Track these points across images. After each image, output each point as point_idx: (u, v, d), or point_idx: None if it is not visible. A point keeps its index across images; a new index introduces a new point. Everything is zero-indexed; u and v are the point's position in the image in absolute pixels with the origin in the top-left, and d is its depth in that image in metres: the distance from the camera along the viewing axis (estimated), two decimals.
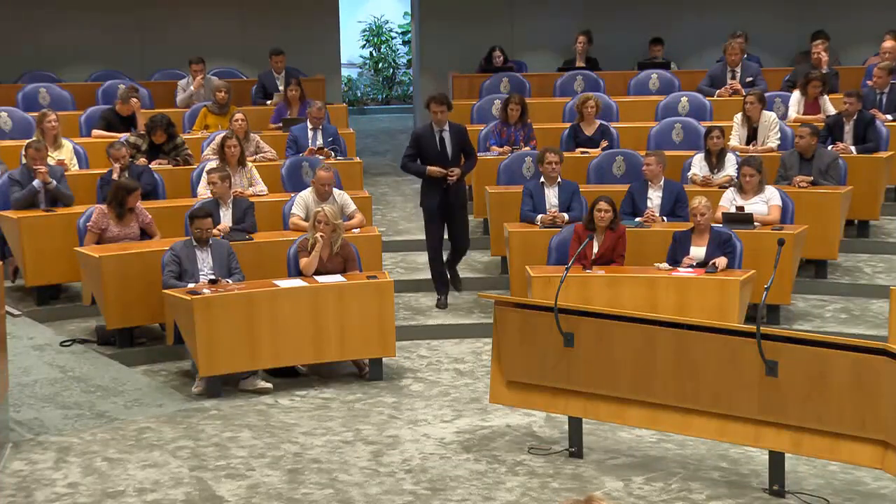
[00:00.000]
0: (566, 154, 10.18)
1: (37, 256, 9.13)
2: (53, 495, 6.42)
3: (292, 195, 9.57)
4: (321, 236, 8.34)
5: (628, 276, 8.45)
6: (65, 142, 10.26)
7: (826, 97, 11.32)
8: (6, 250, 9.34)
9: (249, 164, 9.98)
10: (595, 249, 8.56)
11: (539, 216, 9.41)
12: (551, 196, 9.57)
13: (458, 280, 9.81)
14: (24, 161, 9.46)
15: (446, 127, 9.29)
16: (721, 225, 8.84)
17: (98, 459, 6.91)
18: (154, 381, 8.29)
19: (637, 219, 9.28)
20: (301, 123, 11.12)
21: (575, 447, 6.88)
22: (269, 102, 12.42)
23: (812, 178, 9.80)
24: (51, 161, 9.63)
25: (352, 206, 9.37)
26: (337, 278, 8.32)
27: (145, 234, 9.03)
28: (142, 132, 10.36)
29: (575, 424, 6.91)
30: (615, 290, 8.31)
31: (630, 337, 6.64)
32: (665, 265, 8.48)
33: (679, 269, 8.39)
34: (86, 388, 7.94)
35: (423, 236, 11.18)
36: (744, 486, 6.48)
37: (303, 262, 8.40)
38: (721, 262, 8.31)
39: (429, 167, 9.32)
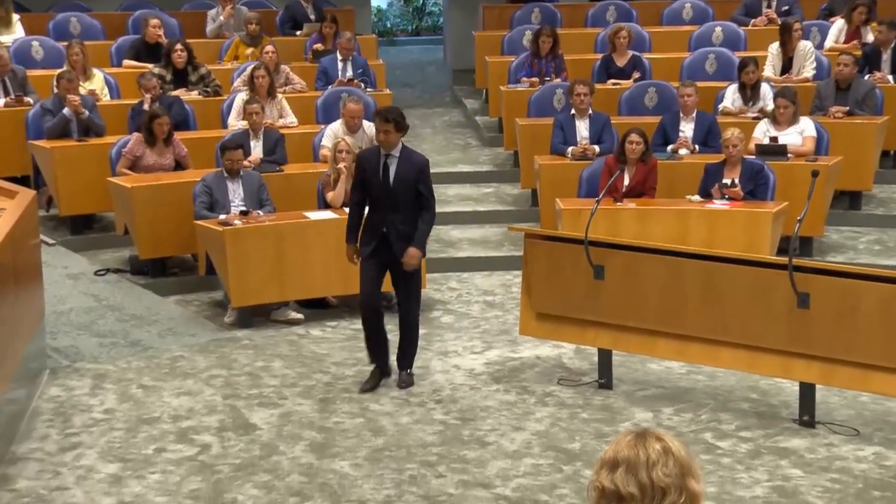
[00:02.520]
0: (597, 86, 10.10)
1: (70, 186, 9.19)
2: (90, 420, 6.53)
3: (322, 127, 9.55)
4: (344, 167, 8.34)
5: (659, 208, 8.41)
6: (96, 72, 10.27)
7: (868, 26, 11.13)
8: (40, 180, 9.40)
9: (279, 96, 9.97)
10: (626, 182, 8.52)
11: (569, 148, 9.36)
12: (582, 128, 9.51)
13: (407, 377, 6.99)
14: (55, 91, 9.48)
15: (395, 152, 6.73)
16: (753, 156, 8.77)
17: (133, 387, 7.01)
18: (187, 311, 8.37)
19: (669, 147, 9.23)
20: (331, 55, 11.07)
21: (604, 378, 6.91)
22: (298, 33, 12.35)
23: (848, 108, 9.68)
24: (82, 91, 9.65)
25: None
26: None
27: (180, 167, 9.06)
28: (165, 64, 10.35)
29: (604, 356, 6.93)
30: (645, 222, 8.28)
31: (659, 269, 6.63)
32: (697, 197, 8.44)
33: (714, 201, 8.35)
34: (120, 317, 8.04)
35: (452, 168, 11.21)
36: (773, 416, 6.50)
37: (329, 195, 8.41)
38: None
39: (347, 247, 6.90)
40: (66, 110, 9.28)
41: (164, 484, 5.76)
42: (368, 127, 9.31)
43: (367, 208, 6.83)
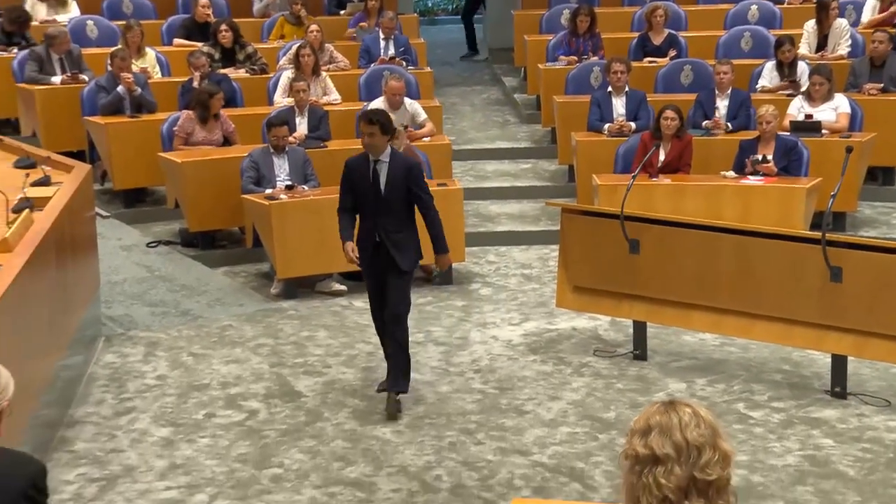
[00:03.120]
0: (634, 63, 10.01)
1: (123, 161, 9.25)
2: (144, 386, 6.60)
3: (365, 104, 9.54)
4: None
5: (693, 184, 8.35)
6: (148, 50, 10.32)
7: None
8: (95, 155, 9.47)
9: (323, 74, 9.97)
10: (661, 158, 8.45)
11: (606, 125, 9.30)
12: (618, 105, 9.44)
13: (394, 403, 6.20)
14: (109, 68, 9.53)
15: (384, 157, 6.17)
16: (788, 133, 8.67)
17: (184, 354, 7.07)
18: (234, 282, 8.42)
19: (705, 122, 9.15)
20: (373, 33, 11.05)
21: (639, 350, 6.89)
22: (342, 12, 12.33)
23: (882, 85, 9.53)
24: (135, 69, 9.70)
25: (422, 115, 9.34)
26: None
27: (228, 142, 9.09)
28: (213, 42, 10.38)
29: (639, 328, 6.90)
30: (680, 198, 8.21)
31: (694, 244, 6.59)
32: (731, 173, 8.36)
33: (748, 176, 8.27)
34: (171, 288, 8.10)
35: (491, 144, 11.19)
36: (806, 387, 6.45)
37: None
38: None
39: (344, 245, 6.33)
40: (119, 87, 9.33)
41: (214, 448, 5.82)
42: (409, 104, 9.32)
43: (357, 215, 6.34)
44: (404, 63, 10.67)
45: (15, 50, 10.38)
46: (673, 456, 2.65)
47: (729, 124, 9.13)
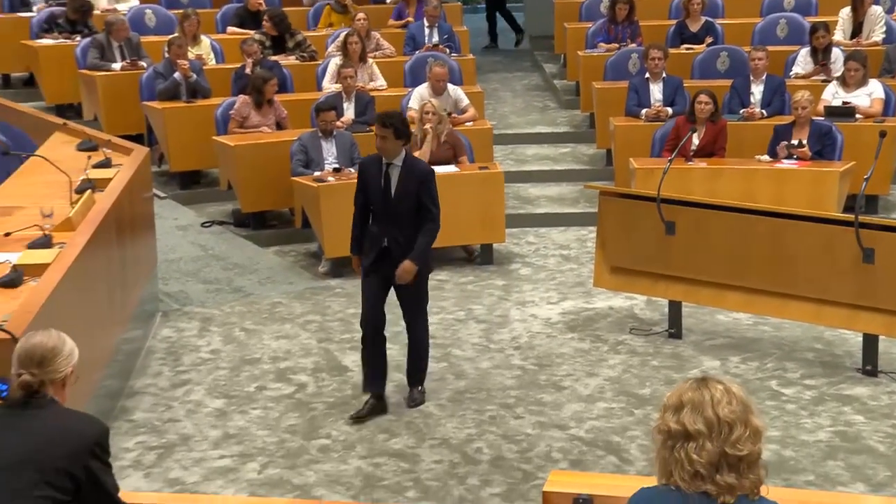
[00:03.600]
0: (671, 50, 9.92)
1: (179, 144, 9.32)
2: (198, 360, 6.67)
3: (409, 90, 9.54)
4: (430, 128, 8.32)
5: (728, 167, 8.28)
6: (203, 38, 10.38)
7: None
8: (152, 138, 9.55)
9: (370, 61, 9.97)
10: (696, 142, 8.38)
11: (643, 110, 9.24)
12: (655, 91, 9.38)
13: (419, 394, 6.08)
14: (166, 56, 9.60)
15: (397, 161, 5.77)
16: (822, 118, 8.57)
17: (236, 329, 7.13)
18: (284, 261, 8.47)
19: (742, 110, 9.06)
20: (418, 21, 11.04)
21: (674, 328, 6.86)
22: (388, 1, 12.32)
23: None
24: (191, 56, 9.76)
25: (465, 101, 9.33)
26: (451, 168, 8.32)
27: (280, 127, 9.13)
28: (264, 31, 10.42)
29: (674, 307, 6.87)
30: (715, 181, 8.15)
31: (729, 226, 6.54)
32: (766, 157, 8.28)
33: (782, 160, 8.18)
34: (224, 266, 8.17)
35: (531, 129, 11.14)
36: (837, 365, 6.39)
37: (415, 154, 8.39)
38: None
39: (354, 262, 6.04)
40: (176, 74, 9.40)
41: (265, 419, 5.87)
42: (452, 90, 9.31)
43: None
44: (448, 50, 10.66)
45: (78, 38, 10.48)
46: (704, 432, 2.65)
47: (763, 111, 9.04)
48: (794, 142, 8.18)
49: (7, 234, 5.63)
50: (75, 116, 9.99)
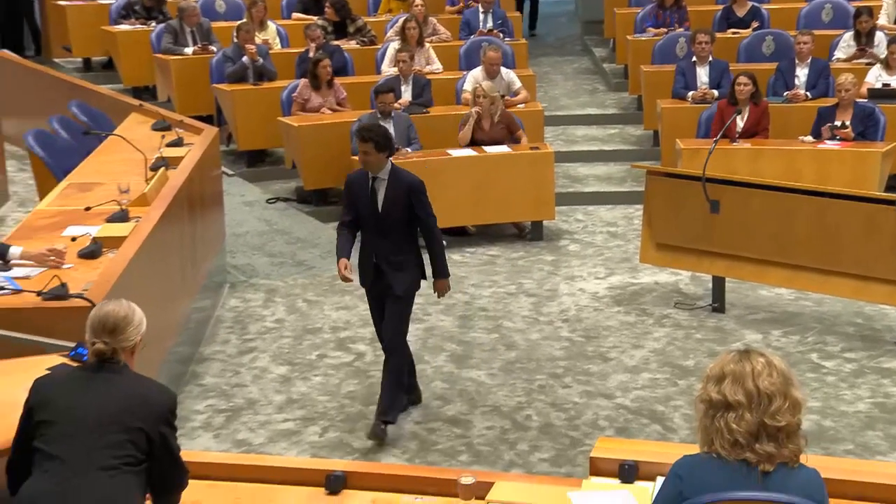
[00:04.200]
0: (718, 34, 9.78)
1: (246, 124, 9.37)
2: (264, 328, 6.74)
3: (464, 73, 9.51)
4: (478, 111, 8.29)
5: (772, 148, 8.15)
6: (269, 24, 10.41)
7: None
8: (221, 119, 9.63)
9: (427, 45, 9.95)
10: (740, 124, 8.26)
11: (690, 93, 9.12)
12: (702, 74, 9.25)
13: (379, 428, 5.33)
14: (235, 40, 9.66)
15: (383, 174, 5.32)
16: (865, 100, 8.40)
17: (299, 301, 7.19)
18: None
19: (786, 92, 8.91)
20: (473, 7, 10.99)
21: (718, 303, 6.79)
22: None
23: None
24: (258, 41, 9.81)
25: (517, 84, 9.28)
26: (503, 149, 8.30)
27: (340, 108, 9.14)
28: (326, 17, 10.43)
29: (718, 283, 6.80)
30: (759, 161, 8.03)
31: (772, 204, 6.46)
32: (809, 138, 8.14)
33: (825, 141, 8.04)
34: (288, 240, 8.23)
35: (581, 111, 11.06)
36: (877, 339, 6.29)
37: (459, 135, 8.39)
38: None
39: (337, 262, 5.46)
40: (244, 58, 9.45)
41: (326, 385, 5.93)
42: (506, 73, 9.26)
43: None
44: (501, 35, 10.59)
45: (153, 24, 10.60)
46: (744, 402, 2.63)
47: (808, 94, 8.88)
48: (838, 123, 8.03)
49: (87, 209, 5.73)
50: (150, 98, 10.10)
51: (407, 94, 9.14)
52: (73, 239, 5.33)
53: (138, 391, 3.13)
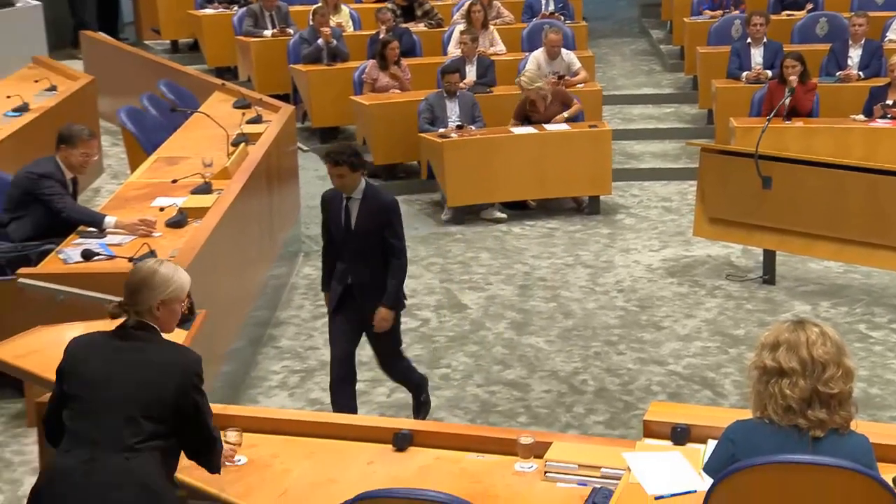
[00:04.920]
0: (772, 16, 9.57)
1: (320, 103, 9.40)
2: None
3: (526, 54, 9.43)
4: (528, 96, 8.23)
5: (823, 126, 7.96)
6: (343, 7, 10.41)
7: None
8: (297, 97, 9.68)
9: (491, 27, 9.88)
10: (788, 102, 8.07)
11: (744, 73, 8.93)
12: (756, 55, 9.05)
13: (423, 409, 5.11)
14: (311, 23, 9.68)
15: (357, 194, 4.79)
16: None
17: None
18: (411, 209, 8.50)
19: (839, 72, 8.68)
20: None
21: (768, 275, 6.68)
22: None
23: None
24: (332, 24, 9.82)
25: (577, 64, 9.18)
26: (563, 127, 8.22)
27: (403, 89, 9.13)
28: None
29: (769, 256, 6.68)
30: (810, 139, 7.84)
31: (823, 181, 6.31)
32: (860, 117, 7.93)
33: (876, 119, 7.83)
34: None
35: (637, 91, 10.90)
36: None
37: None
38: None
39: (325, 299, 5.06)
40: (319, 40, 9.47)
41: None
42: (566, 54, 9.16)
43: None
44: (562, 17, 10.47)
45: (235, 7, 10.69)
46: (798, 370, 2.59)
47: (860, 74, 8.65)
48: (889, 102, 7.80)
49: (174, 181, 5.81)
50: (232, 78, 10.18)
51: (472, 74, 9.09)
52: (161, 209, 5.42)
53: (163, 360, 2.97)
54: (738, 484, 2.60)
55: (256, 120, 7.15)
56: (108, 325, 3.10)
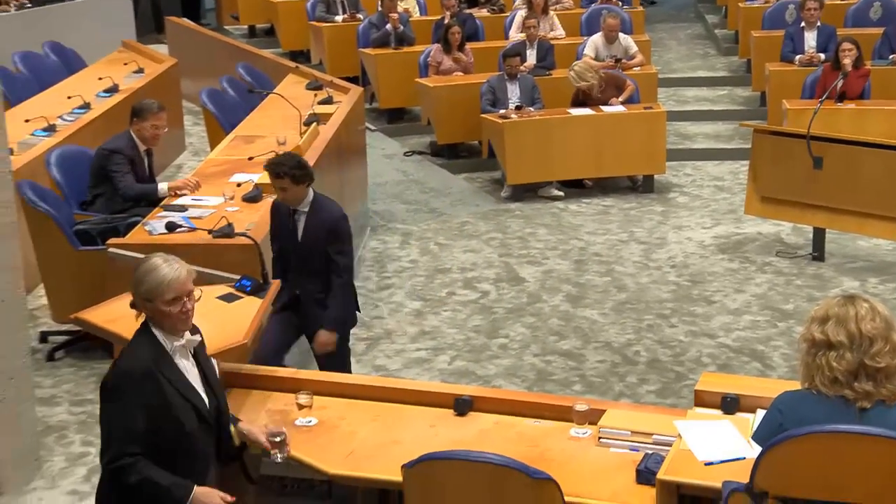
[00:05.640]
0: (826, 0, 9.28)
1: (388, 85, 9.41)
2: (400, 267, 6.81)
3: (585, 38, 9.31)
4: (582, 87, 8.11)
5: (874, 108, 7.73)
6: None
7: None
8: (366, 80, 9.69)
9: (551, 12, 9.77)
10: (840, 85, 7.85)
11: (797, 56, 8.71)
12: (810, 39, 8.81)
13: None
14: (380, 9, 9.67)
15: (303, 206, 4.41)
16: None
17: (431, 244, 7.23)
18: (472, 186, 8.49)
19: (892, 56, 8.42)
20: None
21: (818, 252, 6.54)
22: None
23: None
24: (400, 9, 9.80)
25: (634, 48, 9.04)
26: (619, 108, 8.12)
27: (466, 72, 9.09)
28: None
29: (819, 233, 6.54)
30: (861, 121, 7.63)
31: (874, 161, 6.15)
32: None
33: None
34: (422, 189, 8.27)
35: (692, 73, 10.70)
36: None
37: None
38: None
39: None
40: (387, 25, 9.46)
41: (454, 319, 5.97)
42: (623, 38, 9.03)
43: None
44: (620, 3, 10.32)
45: None
46: (845, 343, 2.54)
47: None
48: None
49: (250, 158, 5.87)
50: (305, 61, 10.24)
51: (532, 57, 9.01)
52: (238, 184, 5.48)
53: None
54: (787, 452, 2.56)
55: (327, 101, 7.18)
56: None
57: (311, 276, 4.42)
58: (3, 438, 4.10)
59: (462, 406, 3.49)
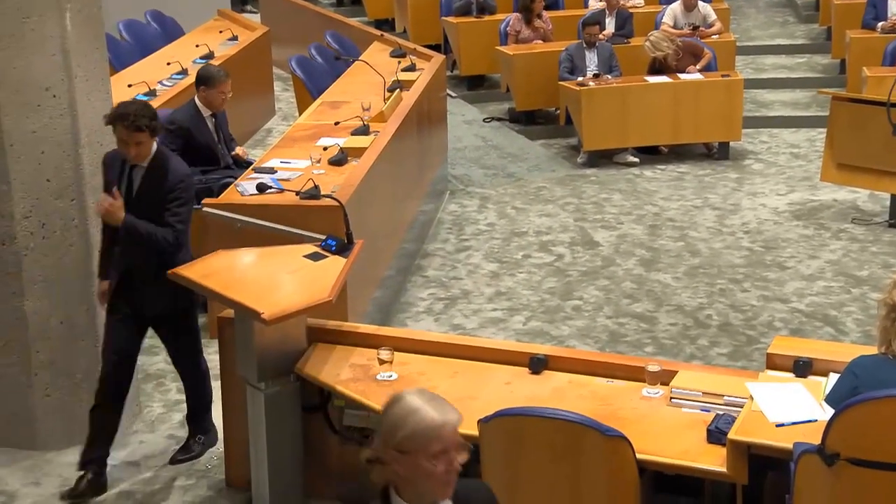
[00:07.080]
0: None
1: (469, 52, 9.34)
2: (477, 230, 6.80)
3: (664, 7, 9.07)
4: (657, 56, 7.91)
5: None
6: None
7: None
8: (448, 47, 9.64)
9: None
10: None
11: (880, 23, 8.34)
12: (893, 6, 8.44)
13: (197, 444, 3.99)
14: None
15: (144, 161, 3.72)
16: None
17: (508, 207, 7.19)
18: (549, 152, 8.41)
19: None
20: None
21: (894, 219, 6.30)
22: None
23: None
24: None
25: (713, 16, 8.79)
26: (696, 76, 7.91)
27: (545, 40, 8.96)
28: None
29: None
30: None
31: None
32: None
33: None
34: (500, 154, 8.22)
35: (770, 41, 10.35)
36: None
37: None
38: None
39: (98, 283, 3.87)
40: None
41: (529, 281, 5.94)
42: (702, 6, 8.78)
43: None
44: None
45: None
46: None
47: None
48: None
49: (336, 124, 5.90)
50: (389, 29, 10.23)
51: (611, 26, 8.83)
52: (325, 148, 5.52)
53: None
54: (860, 415, 2.49)
55: (410, 68, 7.17)
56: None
57: (141, 247, 3.65)
58: None
59: (537, 364, 3.48)
